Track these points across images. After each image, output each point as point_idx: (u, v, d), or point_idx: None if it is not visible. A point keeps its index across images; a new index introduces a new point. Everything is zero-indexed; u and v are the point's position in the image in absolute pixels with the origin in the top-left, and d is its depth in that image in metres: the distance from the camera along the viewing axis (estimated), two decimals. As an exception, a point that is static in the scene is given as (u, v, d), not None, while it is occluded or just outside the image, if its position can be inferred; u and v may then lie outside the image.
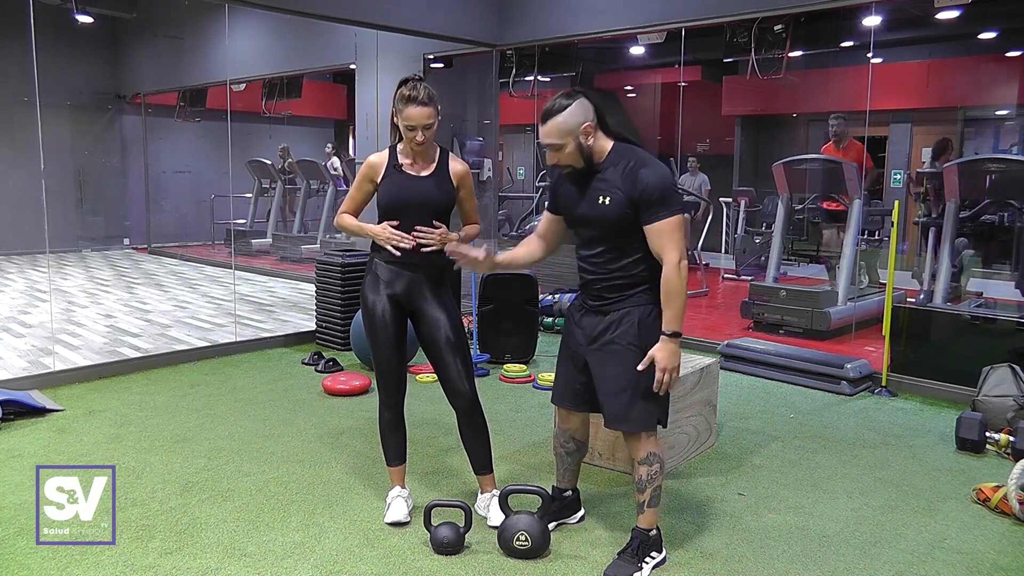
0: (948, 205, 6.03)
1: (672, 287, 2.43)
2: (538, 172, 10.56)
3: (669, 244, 2.42)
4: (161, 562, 2.62)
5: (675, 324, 2.45)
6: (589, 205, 2.51)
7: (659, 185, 2.42)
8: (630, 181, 2.43)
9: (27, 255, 10.27)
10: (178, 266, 10.48)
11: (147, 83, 11.34)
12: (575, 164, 2.51)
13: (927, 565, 2.68)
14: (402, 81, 2.76)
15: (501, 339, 5.28)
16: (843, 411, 4.42)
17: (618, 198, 2.44)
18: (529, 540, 2.64)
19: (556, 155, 2.50)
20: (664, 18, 5.78)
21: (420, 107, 2.70)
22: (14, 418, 3.98)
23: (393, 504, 2.95)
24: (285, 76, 9.56)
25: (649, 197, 2.41)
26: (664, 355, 2.45)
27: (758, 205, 9.53)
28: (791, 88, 9.56)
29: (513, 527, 2.68)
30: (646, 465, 2.55)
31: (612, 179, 2.47)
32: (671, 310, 2.44)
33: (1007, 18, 7.80)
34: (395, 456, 2.99)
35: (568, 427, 2.81)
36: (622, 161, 2.48)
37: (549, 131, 2.47)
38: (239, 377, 4.96)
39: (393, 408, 2.93)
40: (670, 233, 2.42)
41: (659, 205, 2.41)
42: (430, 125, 2.73)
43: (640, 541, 2.60)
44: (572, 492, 2.94)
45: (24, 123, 8.78)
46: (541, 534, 2.68)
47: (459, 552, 2.70)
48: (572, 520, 2.95)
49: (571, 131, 2.45)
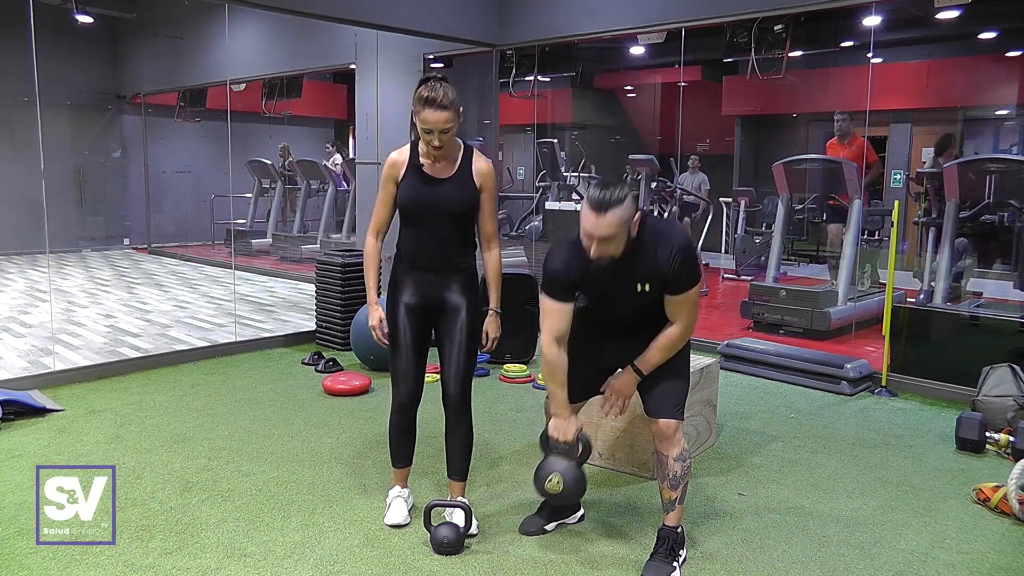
0: (948, 205, 6.03)
1: (671, 343, 2.53)
2: (538, 172, 10.57)
3: (689, 314, 2.51)
4: (161, 562, 2.61)
5: (646, 367, 2.56)
6: (626, 292, 2.49)
7: (685, 261, 2.44)
8: (663, 261, 2.42)
9: (27, 255, 10.27)
10: (178, 266, 10.48)
11: (147, 83, 11.34)
12: (615, 255, 2.40)
13: (927, 565, 2.68)
14: (423, 80, 2.66)
15: (501, 339, 5.22)
16: (843, 411, 4.42)
17: (656, 284, 2.46)
18: (561, 483, 2.58)
19: (605, 247, 2.37)
20: (664, 18, 5.78)
21: (439, 111, 2.60)
22: (14, 418, 3.98)
23: (393, 504, 2.94)
24: (285, 76, 9.56)
25: (680, 275, 2.44)
26: (621, 384, 2.61)
27: (758, 205, 9.53)
28: (791, 88, 9.57)
29: (549, 467, 2.61)
30: (680, 462, 2.56)
31: (644, 263, 2.44)
32: (653, 357, 2.54)
33: (1007, 18, 7.80)
34: (402, 458, 2.95)
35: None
36: (647, 242, 2.44)
37: (610, 223, 2.33)
38: (239, 377, 4.96)
39: (407, 413, 2.87)
40: (691, 305, 2.51)
41: (686, 278, 2.46)
42: (448, 129, 2.63)
43: (672, 540, 2.61)
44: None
45: (24, 123, 8.78)
46: (575, 481, 2.60)
47: (459, 552, 2.70)
48: (571, 520, 2.94)
49: (627, 223, 2.37)
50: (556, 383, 2.60)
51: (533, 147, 10.37)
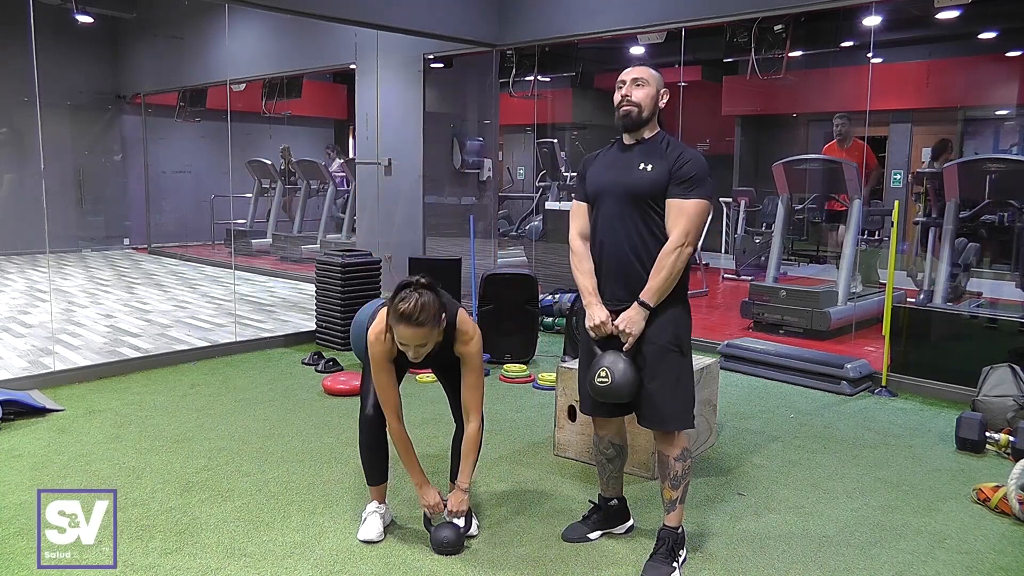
0: (948, 205, 6.03)
1: (664, 263, 2.44)
2: (538, 172, 10.56)
3: (683, 223, 2.45)
4: (161, 562, 2.61)
5: (651, 297, 2.46)
6: (625, 172, 2.53)
7: (696, 167, 2.47)
8: (673, 156, 2.48)
9: (27, 255, 10.26)
10: (178, 266, 10.48)
11: (147, 83, 11.34)
12: (642, 106, 2.52)
13: (927, 565, 2.68)
14: (401, 284, 2.53)
15: (501, 339, 5.27)
16: (843, 411, 4.42)
17: (660, 167, 2.48)
18: (610, 377, 2.46)
19: (633, 89, 2.53)
20: (664, 18, 5.78)
21: (414, 328, 2.47)
22: (14, 418, 3.98)
23: (369, 520, 2.81)
24: (285, 76, 9.56)
25: (685, 174, 2.45)
26: (626, 318, 2.48)
27: (758, 205, 9.53)
28: (791, 88, 9.55)
29: (599, 363, 2.50)
30: (681, 461, 2.54)
31: (654, 152, 2.52)
32: (655, 282, 2.45)
33: (1007, 18, 7.79)
34: (377, 475, 2.83)
35: (606, 433, 2.73)
36: (666, 140, 2.56)
37: (642, 69, 2.57)
38: (239, 377, 4.96)
39: (376, 428, 2.76)
40: (690, 215, 2.45)
41: (690, 183, 2.45)
42: (425, 344, 2.52)
43: (672, 540, 2.58)
44: (617, 501, 2.83)
45: (24, 123, 8.79)
46: (623, 374, 2.46)
47: (459, 552, 2.70)
48: (619, 530, 2.84)
49: (657, 81, 2.56)
50: (582, 272, 2.60)
51: (533, 147, 10.37)
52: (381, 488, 2.86)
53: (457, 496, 2.76)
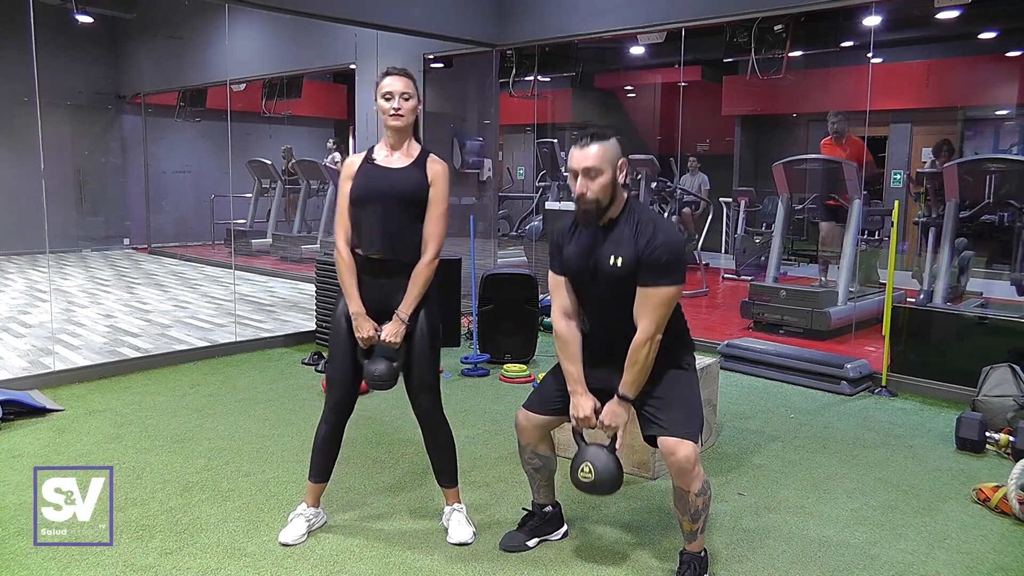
0: (948, 205, 6.03)
1: (638, 356, 2.38)
2: (538, 172, 10.57)
3: (651, 314, 2.36)
4: (161, 562, 2.61)
5: (630, 390, 2.43)
6: (598, 262, 2.43)
7: (667, 251, 2.36)
8: (642, 242, 2.37)
9: (27, 255, 10.27)
10: (178, 266, 10.48)
11: (147, 83, 11.34)
12: (600, 200, 2.38)
13: (927, 565, 2.68)
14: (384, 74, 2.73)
15: (501, 339, 5.28)
16: (843, 411, 4.42)
17: (629, 258, 2.38)
18: (593, 473, 2.43)
19: (588, 183, 2.37)
20: (664, 18, 5.78)
21: (399, 76, 2.66)
22: (14, 418, 3.98)
23: (294, 522, 2.79)
24: (285, 76, 9.57)
25: (655, 261, 2.35)
26: (609, 412, 2.45)
27: (758, 205, 9.54)
28: (791, 88, 9.56)
29: (581, 457, 2.48)
30: (702, 496, 2.42)
31: (622, 239, 2.40)
32: (630, 375, 2.40)
33: (1007, 18, 7.80)
34: (319, 472, 2.83)
35: (528, 442, 2.72)
36: (635, 218, 2.42)
37: (593, 154, 2.36)
38: (239, 377, 4.96)
39: (335, 423, 2.79)
40: (658, 304, 2.36)
41: (660, 272, 2.35)
42: (408, 96, 2.65)
43: (698, 564, 2.51)
44: (552, 507, 2.82)
45: (24, 123, 8.77)
46: (606, 468, 2.43)
47: (392, 386, 2.69)
48: (554, 536, 2.82)
49: (612, 161, 2.38)
50: (567, 357, 2.53)
51: (533, 147, 10.37)
52: (318, 488, 2.85)
53: (394, 325, 2.67)
